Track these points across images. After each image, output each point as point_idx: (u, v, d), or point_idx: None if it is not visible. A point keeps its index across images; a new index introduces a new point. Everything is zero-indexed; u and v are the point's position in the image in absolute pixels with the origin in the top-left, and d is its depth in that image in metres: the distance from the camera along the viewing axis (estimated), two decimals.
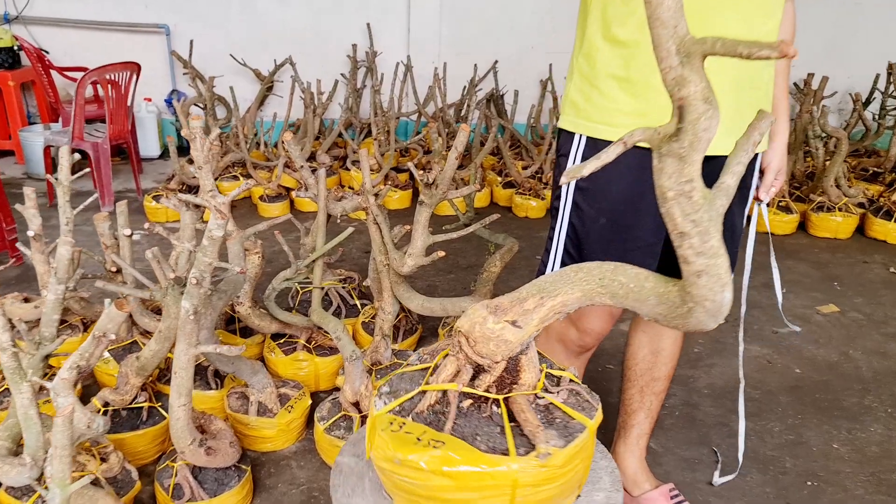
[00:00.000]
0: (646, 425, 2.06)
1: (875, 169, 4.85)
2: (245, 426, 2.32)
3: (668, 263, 1.74)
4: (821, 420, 2.59)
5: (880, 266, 4.00)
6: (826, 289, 3.70)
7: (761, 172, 1.78)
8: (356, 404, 2.32)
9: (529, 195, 4.64)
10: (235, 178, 4.71)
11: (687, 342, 2.26)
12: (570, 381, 1.27)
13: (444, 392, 1.22)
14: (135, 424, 2.24)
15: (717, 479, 2.24)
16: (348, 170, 4.89)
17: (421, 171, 2.18)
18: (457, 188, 2.18)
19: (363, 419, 2.29)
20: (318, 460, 2.32)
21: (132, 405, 2.25)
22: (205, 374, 2.48)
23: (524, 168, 4.90)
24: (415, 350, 2.93)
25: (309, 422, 2.45)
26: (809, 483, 2.27)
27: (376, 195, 2.40)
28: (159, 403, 2.30)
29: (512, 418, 1.19)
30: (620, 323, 3.27)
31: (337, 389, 2.58)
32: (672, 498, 2.07)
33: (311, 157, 4.84)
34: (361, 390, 2.29)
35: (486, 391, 1.20)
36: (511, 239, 2.57)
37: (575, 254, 1.71)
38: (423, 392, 1.23)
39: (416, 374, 1.30)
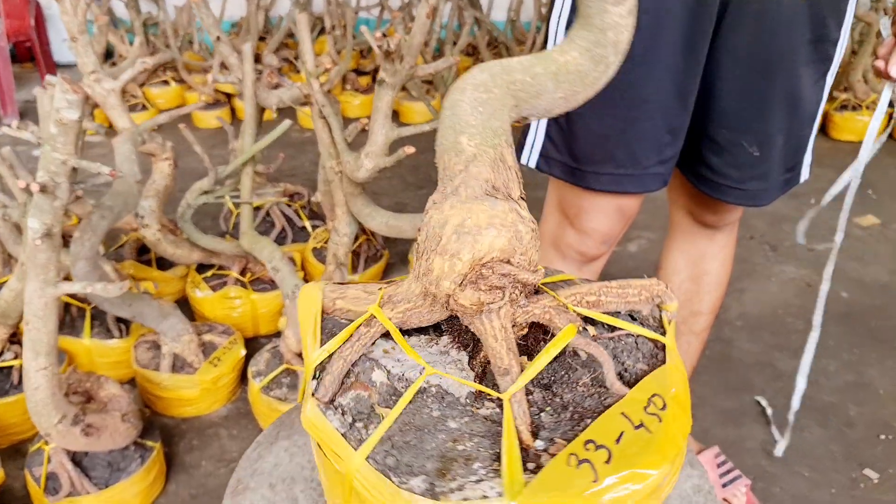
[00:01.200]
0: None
1: None
2: (156, 386, 1.76)
3: (692, 151, 1.24)
4: (882, 354, 2.10)
5: None
6: (860, 199, 3.17)
7: None
8: (301, 354, 1.77)
9: None
10: (166, 83, 4.03)
11: None
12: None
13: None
14: (2, 389, 1.69)
15: (780, 448, 1.73)
16: (299, 73, 4.22)
17: (379, 35, 1.57)
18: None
19: None
20: (255, 427, 1.78)
21: None
22: (104, 319, 1.91)
23: None
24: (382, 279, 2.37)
25: (244, 376, 1.90)
26: (882, 437, 1.78)
27: (322, 78, 1.79)
28: None
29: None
30: (628, 243, 2.73)
31: (279, 335, 2.02)
32: (718, 465, 1.57)
33: (257, 60, 4.16)
34: None
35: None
36: None
37: (563, 121, 1.19)
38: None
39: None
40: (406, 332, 0.71)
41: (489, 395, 0.63)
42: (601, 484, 0.53)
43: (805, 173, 1.28)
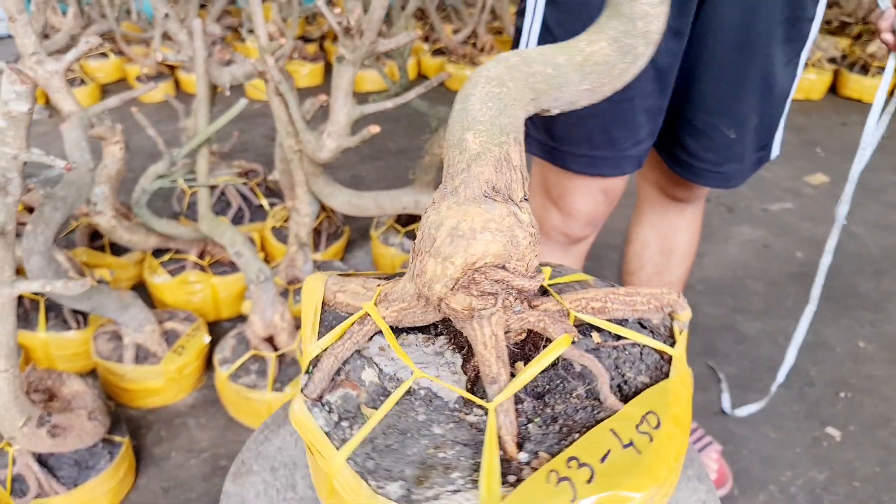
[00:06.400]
0: None
1: (844, 19, 4.35)
2: (120, 378, 1.71)
3: (669, 133, 1.21)
4: (837, 313, 2.16)
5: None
6: (809, 156, 3.24)
7: None
8: (269, 339, 1.74)
9: (464, 62, 3.96)
10: (104, 55, 3.87)
11: None
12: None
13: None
14: None
15: (740, 410, 1.77)
16: (244, 41, 4.10)
17: (337, 11, 1.52)
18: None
19: (280, 361, 1.71)
20: (224, 416, 1.75)
21: None
22: (60, 311, 1.84)
23: (455, 33, 4.20)
24: (342, 260, 2.33)
25: (209, 363, 1.86)
26: (842, 395, 1.84)
27: (275, 54, 1.73)
28: None
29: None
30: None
31: (244, 319, 1.98)
32: (691, 433, 1.60)
33: None
34: (276, 321, 1.70)
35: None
36: None
37: None
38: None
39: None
40: (404, 330, 0.70)
41: (473, 401, 0.62)
42: None
43: (776, 149, 1.28)
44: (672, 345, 0.64)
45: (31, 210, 1.83)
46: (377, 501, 0.54)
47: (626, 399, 0.60)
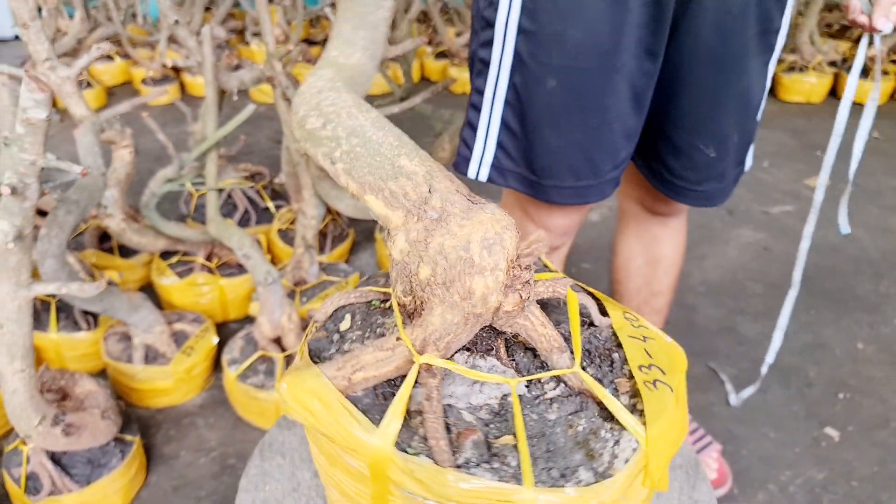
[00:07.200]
0: None
1: (845, 23, 4.37)
2: (130, 378, 1.74)
3: (649, 149, 1.23)
4: (837, 315, 2.18)
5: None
6: (808, 159, 3.27)
7: None
8: (277, 340, 1.76)
9: (466, 65, 3.99)
10: (110, 58, 3.90)
11: None
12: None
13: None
14: None
15: (736, 398, 1.81)
16: (248, 44, 4.13)
17: None
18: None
19: (288, 361, 1.73)
20: (232, 415, 1.78)
21: None
22: (71, 312, 1.87)
23: (458, 35, 4.23)
24: (347, 262, 2.36)
25: (217, 364, 1.89)
26: (841, 395, 1.86)
27: (284, 61, 1.76)
28: None
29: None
30: (590, 213, 2.77)
31: (252, 321, 2.01)
32: (692, 433, 1.63)
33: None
34: (283, 322, 1.73)
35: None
36: (460, 115, 1.99)
37: (519, 130, 1.13)
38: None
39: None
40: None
41: (560, 375, 0.67)
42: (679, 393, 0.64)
43: (749, 161, 1.29)
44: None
45: (42, 214, 1.86)
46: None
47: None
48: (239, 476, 1.60)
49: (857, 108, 1.30)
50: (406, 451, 0.59)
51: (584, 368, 0.66)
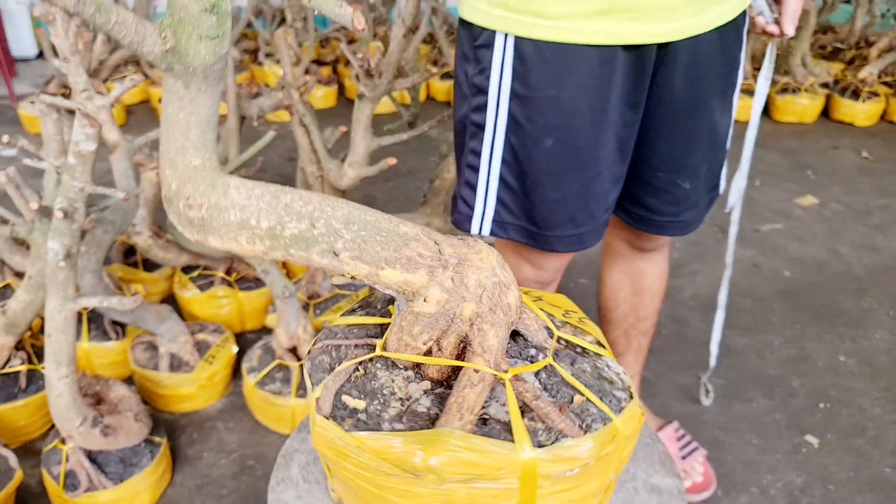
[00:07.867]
0: (636, 367, 1.71)
1: (836, 45, 4.51)
2: (156, 385, 1.87)
3: (625, 194, 1.33)
4: (821, 329, 2.31)
5: (851, 151, 3.71)
6: (799, 178, 3.40)
7: None
8: (293, 350, 1.89)
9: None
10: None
11: None
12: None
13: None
14: (11, 394, 1.77)
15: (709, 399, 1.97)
16: (261, 65, 4.27)
17: (359, 56, 1.69)
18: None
19: (303, 369, 1.86)
20: (251, 420, 1.90)
21: (5, 370, 1.77)
22: (101, 322, 2.00)
23: None
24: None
25: (236, 371, 2.02)
26: (822, 405, 1.98)
27: (301, 90, 1.90)
28: (42, 365, 1.81)
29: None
30: None
31: (268, 331, 2.14)
32: (678, 439, 1.75)
33: None
34: (299, 333, 1.86)
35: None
36: None
37: (517, 186, 1.20)
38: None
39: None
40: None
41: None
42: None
43: (723, 184, 1.40)
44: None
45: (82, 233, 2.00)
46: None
47: None
48: (258, 476, 1.73)
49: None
50: (544, 446, 0.69)
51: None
